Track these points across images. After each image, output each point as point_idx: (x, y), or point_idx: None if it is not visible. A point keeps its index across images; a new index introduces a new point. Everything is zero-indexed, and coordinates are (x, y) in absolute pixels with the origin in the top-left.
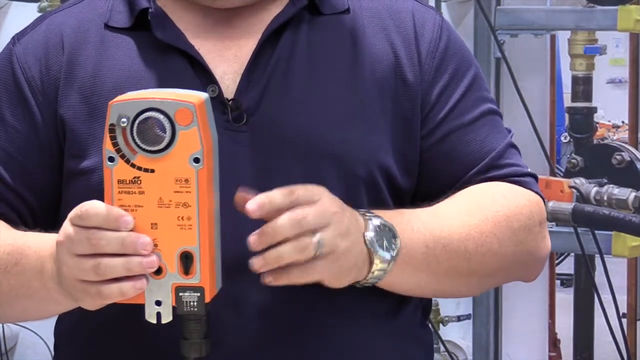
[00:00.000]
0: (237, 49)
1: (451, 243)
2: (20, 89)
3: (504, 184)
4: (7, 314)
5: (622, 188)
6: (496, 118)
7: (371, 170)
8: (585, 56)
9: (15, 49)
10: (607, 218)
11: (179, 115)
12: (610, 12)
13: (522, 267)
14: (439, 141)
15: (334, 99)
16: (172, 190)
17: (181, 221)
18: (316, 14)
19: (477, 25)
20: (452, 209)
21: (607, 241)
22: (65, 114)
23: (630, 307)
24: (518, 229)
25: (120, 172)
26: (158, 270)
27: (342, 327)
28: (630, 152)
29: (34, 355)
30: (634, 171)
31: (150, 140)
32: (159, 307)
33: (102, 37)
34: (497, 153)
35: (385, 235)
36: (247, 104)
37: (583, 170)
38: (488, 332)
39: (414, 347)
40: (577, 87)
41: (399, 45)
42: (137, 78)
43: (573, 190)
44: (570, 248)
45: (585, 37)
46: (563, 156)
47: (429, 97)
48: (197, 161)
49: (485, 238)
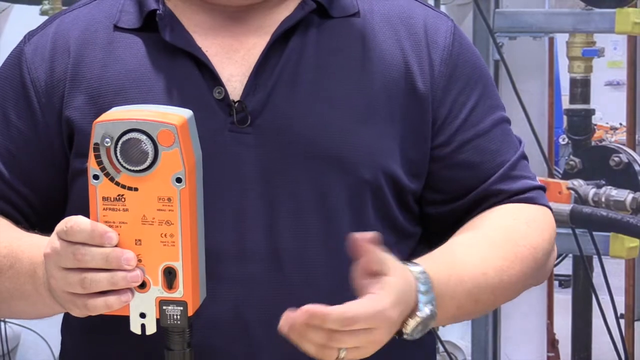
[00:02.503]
0: (245, 51)
1: (482, 296)
2: (26, 89)
3: (521, 207)
4: (5, 312)
5: (619, 189)
6: (507, 126)
7: (376, 175)
8: (584, 58)
9: (24, 49)
10: (605, 219)
11: (161, 136)
12: (608, 15)
13: (534, 283)
14: (454, 151)
15: (341, 104)
16: (156, 208)
17: (164, 238)
18: (325, 17)
19: (476, 28)
20: (489, 255)
21: (605, 242)
22: (72, 115)
23: (628, 308)
24: (542, 257)
25: (104, 190)
26: (142, 285)
27: None
28: (627, 154)
29: (35, 355)
30: (631, 173)
31: (134, 160)
32: (143, 319)
33: (111, 38)
34: (511, 164)
35: (424, 324)
36: (252, 107)
37: (581, 172)
38: (487, 333)
39: (416, 352)
40: (575, 89)
41: (409, 51)
42: (143, 80)
43: (571, 192)
44: (568, 249)
45: (583, 39)
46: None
47: (442, 106)
48: (179, 181)
49: (515, 279)
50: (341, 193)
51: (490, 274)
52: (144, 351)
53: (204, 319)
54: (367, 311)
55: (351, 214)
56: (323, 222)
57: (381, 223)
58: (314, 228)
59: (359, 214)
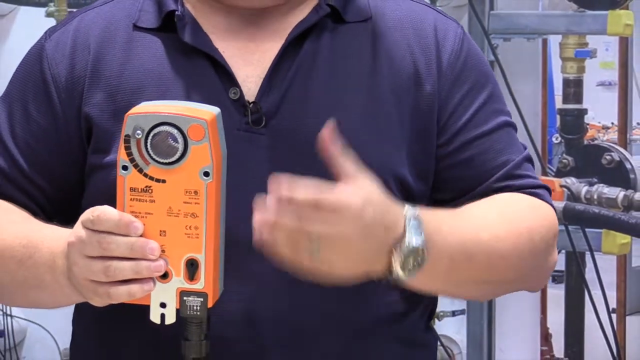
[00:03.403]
0: (261, 53)
1: (476, 255)
2: (46, 84)
3: (525, 196)
4: (22, 301)
5: (611, 187)
6: (512, 132)
7: (385, 178)
8: (576, 59)
9: (45, 45)
10: (597, 216)
11: (191, 131)
12: (600, 17)
13: (534, 278)
14: (457, 150)
15: (352, 107)
16: (182, 200)
17: (189, 230)
18: (339, 21)
19: (471, 29)
20: (481, 218)
21: (597, 239)
22: (91, 112)
23: (620, 303)
24: (538, 241)
25: (132, 181)
26: (164, 275)
27: (346, 332)
28: (619, 153)
29: (42, 349)
30: (623, 171)
31: (163, 153)
32: (163, 309)
33: (130, 37)
34: (515, 164)
35: (414, 257)
36: (266, 108)
37: (574, 170)
38: (482, 327)
39: (418, 352)
40: (568, 89)
41: (419, 55)
42: (161, 79)
43: (564, 190)
44: (561, 245)
45: (576, 41)
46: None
47: (447, 107)
48: (207, 175)
49: (508, 251)
50: None
51: (483, 235)
52: (155, 341)
53: (215, 311)
54: (336, 193)
55: None
56: None
57: None
58: None
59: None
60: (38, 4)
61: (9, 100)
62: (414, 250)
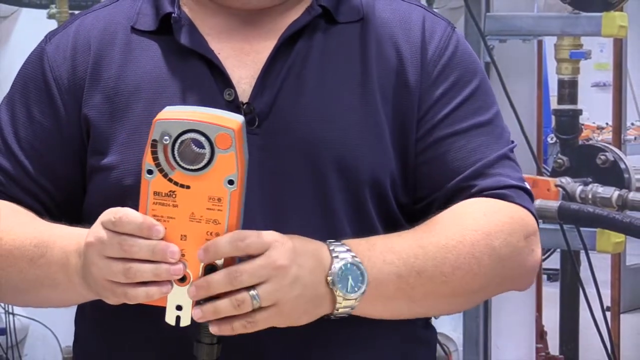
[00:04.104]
0: (255, 54)
1: (426, 270)
2: (48, 86)
3: (486, 200)
4: (32, 301)
5: (606, 187)
6: (496, 130)
7: (376, 176)
8: (571, 60)
9: (46, 48)
10: (592, 215)
11: (219, 139)
12: (594, 19)
13: (509, 280)
14: (430, 146)
15: (343, 106)
16: (205, 207)
17: (210, 236)
18: (332, 22)
19: (467, 31)
20: (428, 233)
21: (591, 237)
22: (89, 113)
23: (614, 301)
24: (499, 246)
25: (156, 185)
26: (182, 278)
27: (345, 328)
28: (613, 153)
29: (43, 347)
30: (617, 171)
31: (190, 160)
32: (179, 311)
33: (128, 40)
34: (487, 162)
35: (352, 274)
36: (259, 108)
37: (569, 170)
38: (478, 325)
39: (417, 348)
40: (563, 90)
41: (405, 51)
42: (158, 80)
43: (559, 189)
44: (556, 244)
45: (570, 42)
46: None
47: (426, 102)
48: (232, 183)
49: (463, 260)
50: (342, 193)
51: (429, 248)
52: (158, 342)
53: None
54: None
55: (352, 214)
56: (325, 223)
57: (382, 223)
58: (316, 228)
59: (360, 214)
60: (40, 5)
61: (12, 103)
62: (349, 268)
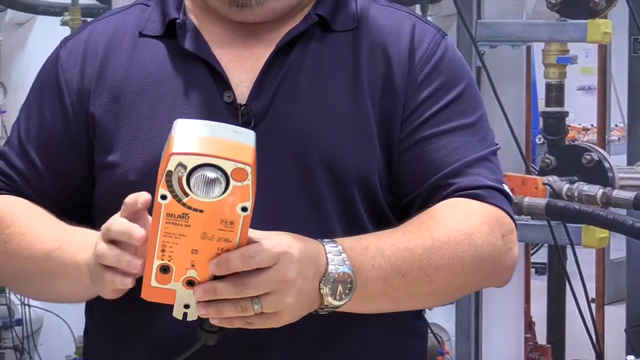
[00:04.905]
0: (254, 59)
1: (411, 272)
2: (60, 89)
3: (464, 200)
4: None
5: (591, 185)
6: (479, 132)
7: (365, 175)
8: (558, 65)
9: (60, 53)
10: (578, 212)
11: (235, 173)
12: (580, 26)
13: (488, 278)
14: (412, 146)
15: (336, 110)
16: (217, 227)
17: (220, 251)
18: (328, 30)
19: (459, 37)
20: (415, 234)
21: (577, 233)
22: (96, 112)
23: (599, 293)
24: (481, 245)
25: (170, 207)
26: (191, 282)
27: (337, 319)
28: (598, 153)
29: (58, 337)
30: (601, 170)
31: (204, 191)
32: (186, 309)
33: (135, 43)
34: (466, 162)
35: (342, 283)
36: (256, 110)
37: (556, 169)
38: (469, 316)
39: (409, 336)
40: (550, 93)
41: (394, 57)
42: (161, 82)
43: (547, 187)
44: (544, 239)
45: (558, 48)
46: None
47: (412, 104)
48: (245, 210)
49: (447, 260)
50: (331, 192)
51: (416, 250)
52: (158, 333)
53: None
54: (265, 245)
55: (342, 212)
56: (316, 220)
57: (372, 221)
58: (307, 226)
59: (350, 212)
60: (54, 13)
61: (29, 105)
62: (341, 276)
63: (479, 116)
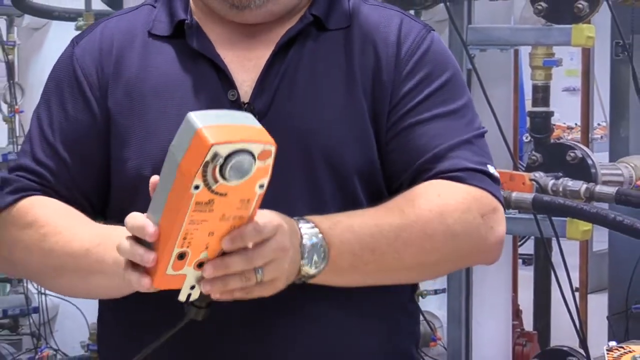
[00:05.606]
0: (257, 59)
1: (379, 248)
2: (80, 84)
3: (441, 182)
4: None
5: (575, 181)
6: (462, 118)
7: (362, 164)
8: (544, 68)
9: (74, 51)
10: (563, 206)
11: (261, 154)
12: (565, 30)
13: (471, 255)
14: (398, 134)
15: (332, 106)
16: (235, 207)
17: (231, 229)
18: (322, 29)
19: (451, 41)
20: (385, 213)
21: (562, 226)
22: (112, 107)
23: (582, 283)
24: (452, 224)
25: (200, 196)
26: (200, 264)
27: (335, 299)
28: (582, 150)
29: (73, 325)
30: (585, 166)
31: (234, 176)
32: (192, 290)
33: (145, 43)
34: (447, 146)
35: (317, 252)
36: (259, 108)
37: (542, 166)
38: (460, 304)
39: (403, 317)
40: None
41: (382, 52)
42: (172, 81)
43: (533, 183)
44: (530, 232)
45: (544, 51)
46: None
47: (397, 94)
48: (262, 187)
49: (415, 237)
50: (331, 182)
51: (384, 227)
52: (167, 319)
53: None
54: (269, 219)
55: (342, 201)
56: (316, 208)
57: None
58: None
59: (350, 200)
60: (69, 18)
61: (48, 104)
62: (314, 246)
63: (464, 103)
